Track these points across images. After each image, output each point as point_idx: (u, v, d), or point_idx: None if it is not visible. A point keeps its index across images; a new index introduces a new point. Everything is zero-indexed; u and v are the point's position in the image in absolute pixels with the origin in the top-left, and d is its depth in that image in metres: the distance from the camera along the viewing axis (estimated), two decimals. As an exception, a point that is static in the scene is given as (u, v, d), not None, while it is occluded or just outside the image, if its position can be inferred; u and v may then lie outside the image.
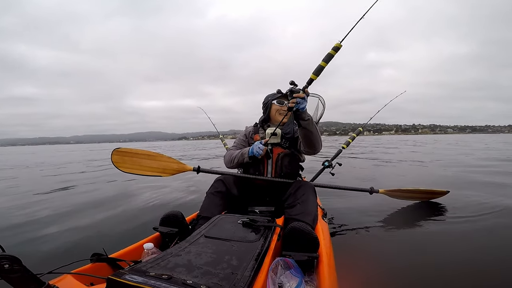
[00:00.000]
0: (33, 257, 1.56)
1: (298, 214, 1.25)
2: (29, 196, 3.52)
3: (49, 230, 2.06)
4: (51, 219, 2.37)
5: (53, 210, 2.70)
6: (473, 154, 8.19)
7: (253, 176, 1.59)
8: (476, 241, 1.63)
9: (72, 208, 2.76)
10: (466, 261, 1.39)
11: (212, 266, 0.75)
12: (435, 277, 1.25)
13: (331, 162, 2.65)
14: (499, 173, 4.18)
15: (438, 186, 2.55)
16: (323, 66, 1.31)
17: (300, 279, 0.84)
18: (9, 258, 0.52)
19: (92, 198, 3.26)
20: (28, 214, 2.57)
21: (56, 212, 2.63)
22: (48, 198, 3.36)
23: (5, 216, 2.54)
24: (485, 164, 5.62)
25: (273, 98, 1.65)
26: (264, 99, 1.72)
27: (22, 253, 1.52)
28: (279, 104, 1.63)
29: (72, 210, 2.71)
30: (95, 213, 2.56)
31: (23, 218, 2.41)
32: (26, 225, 2.20)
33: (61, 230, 2.06)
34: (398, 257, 1.48)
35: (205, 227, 1.07)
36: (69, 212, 2.62)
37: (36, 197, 3.43)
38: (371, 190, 2.03)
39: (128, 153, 1.64)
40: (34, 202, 3.10)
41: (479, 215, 2.07)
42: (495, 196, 2.63)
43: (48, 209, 2.73)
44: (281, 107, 1.62)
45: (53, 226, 2.14)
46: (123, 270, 0.69)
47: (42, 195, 3.52)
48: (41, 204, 2.97)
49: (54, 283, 0.72)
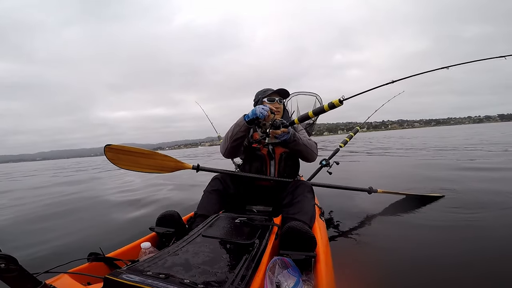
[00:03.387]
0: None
1: (295, 213, 1.26)
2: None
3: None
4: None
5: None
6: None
7: (251, 175, 1.58)
8: (477, 241, 1.63)
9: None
10: (466, 260, 1.40)
11: (209, 265, 0.76)
12: (433, 275, 1.26)
13: (329, 161, 2.65)
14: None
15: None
16: (310, 117, 1.33)
17: (297, 278, 0.84)
18: (5, 258, 0.52)
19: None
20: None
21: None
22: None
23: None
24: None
25: (264, 96, 1.62)
26: (254, 97, 1.70)
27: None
28: (270, 102, 1.61)
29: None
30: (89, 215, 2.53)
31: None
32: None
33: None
34: (395, 256, 1.49)
35: (202, 226, 1.06)
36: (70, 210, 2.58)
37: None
38: (370, 190, 2.03)
39: (122, 150, 1.58)
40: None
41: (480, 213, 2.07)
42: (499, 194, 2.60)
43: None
44: (273, 105, 1.60)
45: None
46: (120, 269, 0.69)
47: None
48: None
49: (51, 282, 0.72)
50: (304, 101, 2.67)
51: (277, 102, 1.60)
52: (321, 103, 2.67)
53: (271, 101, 1.61)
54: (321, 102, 2.67)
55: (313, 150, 1.56)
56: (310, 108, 2.71)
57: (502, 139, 9.77)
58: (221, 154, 1.60)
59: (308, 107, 2.69)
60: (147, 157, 1.61)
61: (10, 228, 2.52)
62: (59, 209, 3.15)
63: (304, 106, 2.69)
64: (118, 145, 1.59)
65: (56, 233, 2.16)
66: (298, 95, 2.64)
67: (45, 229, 2.32)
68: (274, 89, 1.62)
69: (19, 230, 2.40)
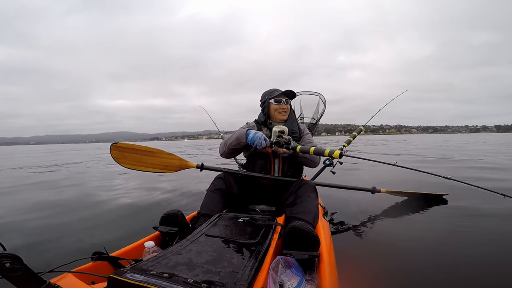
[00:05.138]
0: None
1: (299, 212, 1.25)
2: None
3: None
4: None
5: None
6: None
7: (255, 174, 1.58)
8: (478, 240, 1.62)
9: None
10: (468, 260, 1.39)
11: (212, 264, 0.75)
12: (436, 275, 1.25)
13: (332, 160, 2.64)
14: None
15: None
16: (310, 153, 1.34)
17: (300, 277, 0.84)
18: (10, 257, 0.52)
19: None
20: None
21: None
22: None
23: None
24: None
25: (270, 97, 1.61)
26: (261, 97, 1.69)
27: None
28: (276, 103, 1.60)
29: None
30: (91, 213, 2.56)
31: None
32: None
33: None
34: (399, 256, 1.48)
35: (205, 226, 1.07)
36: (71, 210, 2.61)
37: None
38: (373, 190, 2.02)
39: (127, 149, 1.58)
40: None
41: (482, 212, 2.06)
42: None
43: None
44: (279, 106, 1.60)
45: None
46: (124, 268, 0.69)
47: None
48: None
49: (55, 281, 0.72)
50: (308, 100, 2.67)
51: (284, 103, 1.60)
52: (324, 103, 2.67)
53: (277, 102, 1.60)
54: (325, 101, 2.67)
55: (313, 160, 1.57)
56: (313, 107, 2.70)
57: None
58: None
59: (312, 106, 2.69)
60: (152, 155, 1.62)
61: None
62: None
63: (308, 105, 2.69)
64: (124, 143, 1.60)
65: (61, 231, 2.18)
66: (302, 94, 2.64)
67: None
68: (281, 90, 1.61)
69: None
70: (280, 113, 1.61)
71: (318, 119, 2.69)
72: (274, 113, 1.62)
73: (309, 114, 2.69)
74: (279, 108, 1.61)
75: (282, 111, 1.61)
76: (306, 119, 2.70)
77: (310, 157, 1.53)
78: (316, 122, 2.70)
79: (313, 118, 2.69)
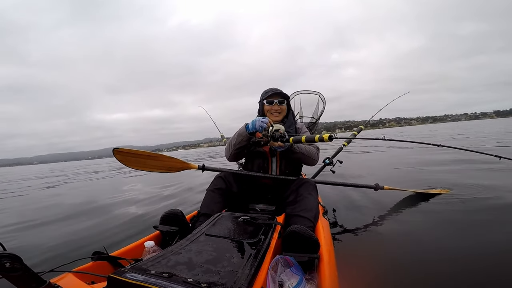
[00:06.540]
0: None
1: (300, 210, 1.25)
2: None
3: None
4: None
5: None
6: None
7: (255, 173, 1.58)
8: (480, 239, 1.61)
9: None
10: (470, 259, 1.38)
11: (212, 264, 0.75)
12: (438, 275, 1.25)
13: (332, 159, 2.64)
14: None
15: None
16: (302, 142, 1.31)
17: (300, 277, 0.83)
18: (10, 257, 0.52)
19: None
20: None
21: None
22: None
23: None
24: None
25: (263, 98, 1.63)
26: (260, 96, 1.71)
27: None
28: (268, 104, 1.62)
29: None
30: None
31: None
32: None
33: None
34: (400, 255, 1.47)
35: (205, 225, 1.06)
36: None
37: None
38: (376, 187, 2.01)
39: (130, 153, 1.61)
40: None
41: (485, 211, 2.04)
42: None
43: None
44: (271, 107, 1.62)
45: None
46: (124, 268, 0.69)
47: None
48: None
49: (55, 281, 0.72)
50: (307, 100, 2.67)
51: (276, 104, 1.60)
52: (323, 102, 2.66)
53: (270, 104, 1.61)
54: (324, 100, 2.67)
55: (311, 157, 1.56)
56: (313, 106, 2.69)
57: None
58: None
59: (311, 105, 2.68)
60: (154, 159, 1.65)
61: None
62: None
63: (307, 104, 2.69)
64: (125, 148, 1.61)
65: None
66: (301, 93, 2.64)
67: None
68: (276, 89, 1.62)
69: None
70: (272, 114, 1.62)
71: (318, 118, 2.69)
72: (267, 114, 1.64)
73: (308, 113, 2.69)
74: (271, 109, 1.62)
75: (275, 112, 1.62)
76: (306, 119, 2.70)
77: (307, 153, 1.52)
78: (316, 121, 2.70)
79: (312, 117, 2.69)
